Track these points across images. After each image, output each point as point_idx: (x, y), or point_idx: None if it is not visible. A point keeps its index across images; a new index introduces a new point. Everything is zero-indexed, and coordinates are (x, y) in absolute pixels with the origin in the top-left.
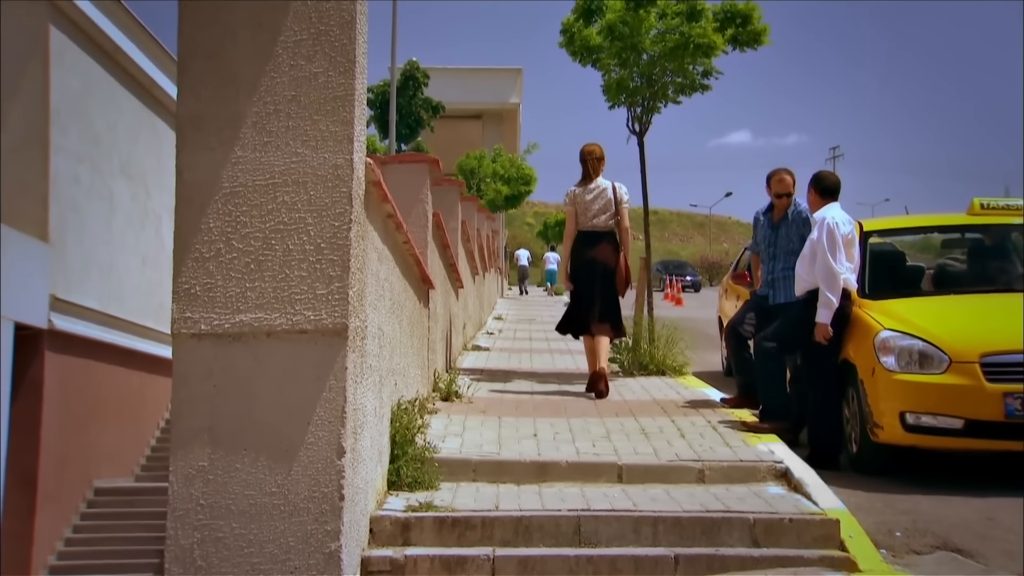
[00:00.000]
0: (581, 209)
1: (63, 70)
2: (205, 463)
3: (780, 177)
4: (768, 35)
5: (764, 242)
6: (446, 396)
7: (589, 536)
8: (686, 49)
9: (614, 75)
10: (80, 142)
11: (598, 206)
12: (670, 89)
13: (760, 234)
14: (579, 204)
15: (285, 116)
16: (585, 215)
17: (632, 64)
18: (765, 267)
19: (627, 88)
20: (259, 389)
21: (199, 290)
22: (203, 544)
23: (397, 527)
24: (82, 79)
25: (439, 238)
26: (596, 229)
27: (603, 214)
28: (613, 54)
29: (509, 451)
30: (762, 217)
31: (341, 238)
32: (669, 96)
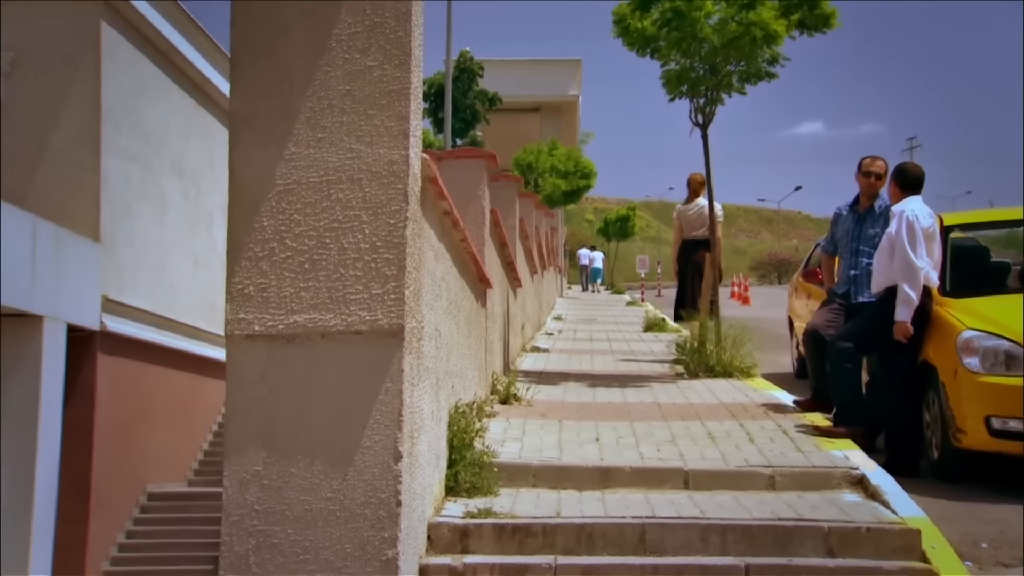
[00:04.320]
0: (685, 222)
1: (115, 68)
2: (260, 467)
3: (872, 159)
4: (837, 18)
5: (846, 237)
6: (504, 399)
7: (655, 545)
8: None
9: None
10: (132, 140)
11: (698, 221)
12: (734, 79)
13: (841, 229)
14: (684, 219)
15: (339, 111)
16: (688, 227)
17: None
18: (846, 263)
19: (688, 79)
20: (314, 392)
21: (253, 290)
22: (258, 550)
23: (456, 534)
24: (134, 77)
25: (497, 236)
26: (696, 238)
27: (702, 227)
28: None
29: (570, 456)
30: (845, 212)
31: (397, 236)
32: (734, 86)
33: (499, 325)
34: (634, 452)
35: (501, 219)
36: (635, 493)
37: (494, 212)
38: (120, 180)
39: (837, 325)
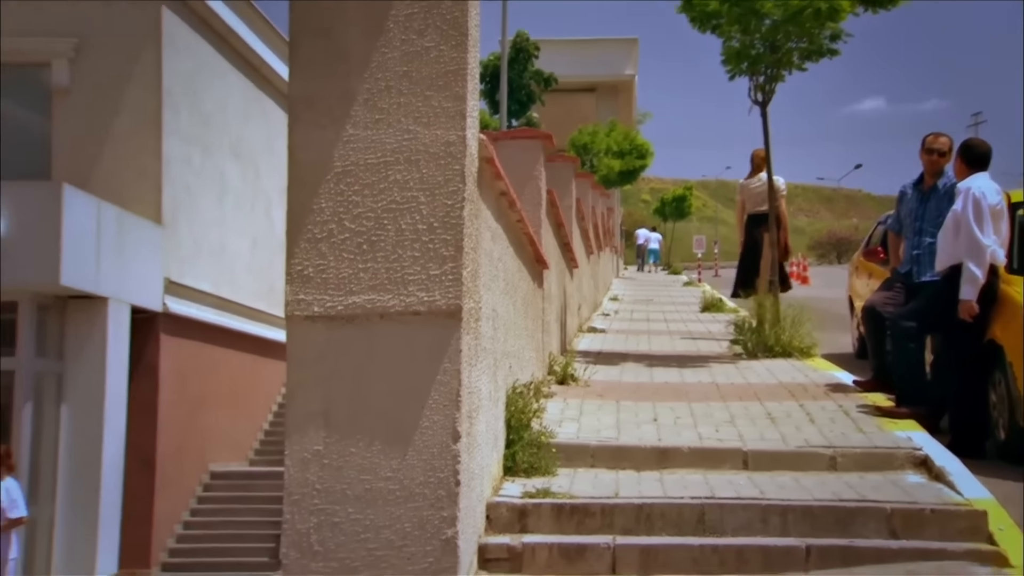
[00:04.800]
0: (748, 197)
1: (175, 52)
2: (320, 447)
3: (935, 136)
4: None
5: (910, 216)
6: (562, 379)
7: (714, 525)
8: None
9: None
10: (191, 123)
11: (761, 196)
12: (795, 56)
13: (905, 208)
14: (747, 193)
15: (396, 92)
16: (751, 202)
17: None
18: (909, 242)
19: (748, 56)
20: (373, 372)
21: (312, 272)
22: (320, 529)
23: (514, 514)
24: (194, 60)
25: (553, 216)
26: (760, 213)
27: (765, 202)
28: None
29: (628, 436)
30: (909, 190)
31: (454, 217)
32: (794, 63)
33: (556, 306)
34: (692, 432)
35: (557, 200)
36: (694, 473)
37: (550, 193)
38: (181, 163)
39: (896, 303)
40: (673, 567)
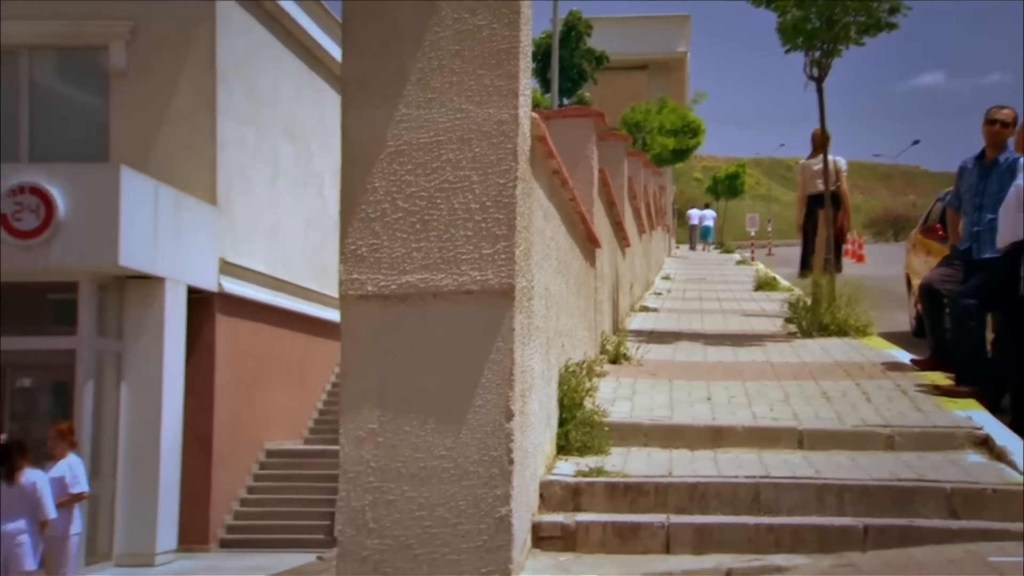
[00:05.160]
0: (808, 177)
1: (229, 34)
2: (375, 425)
3: (998, 107)
4: None
5: (970, 191)
6: (614, 358)
7: (769, 504)
8: None
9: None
10: (245, 104)
11: (820, 174)
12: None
13: (965, 183)
14: (807, 173)
15: (449, 72)
16: (812, 182)
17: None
18: (969, 219)
19: (805, 31)
20: (426, 351)
21: (365, 251)
22: (375, 507)
23: (567, 492)
24: (247, 42)
25: (605, 195)
26: (821, 192)
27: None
28: None
29: (682, 415)
30: (970, 165)
31: (507, 196)
32: (851, 38)
33: (608, 285)
34: (746, 411)
35: (609, 178)
36: (748, 453)
37: (602, 171)
38: (235, 144)
39: (955, 281)
40: (728, 546)
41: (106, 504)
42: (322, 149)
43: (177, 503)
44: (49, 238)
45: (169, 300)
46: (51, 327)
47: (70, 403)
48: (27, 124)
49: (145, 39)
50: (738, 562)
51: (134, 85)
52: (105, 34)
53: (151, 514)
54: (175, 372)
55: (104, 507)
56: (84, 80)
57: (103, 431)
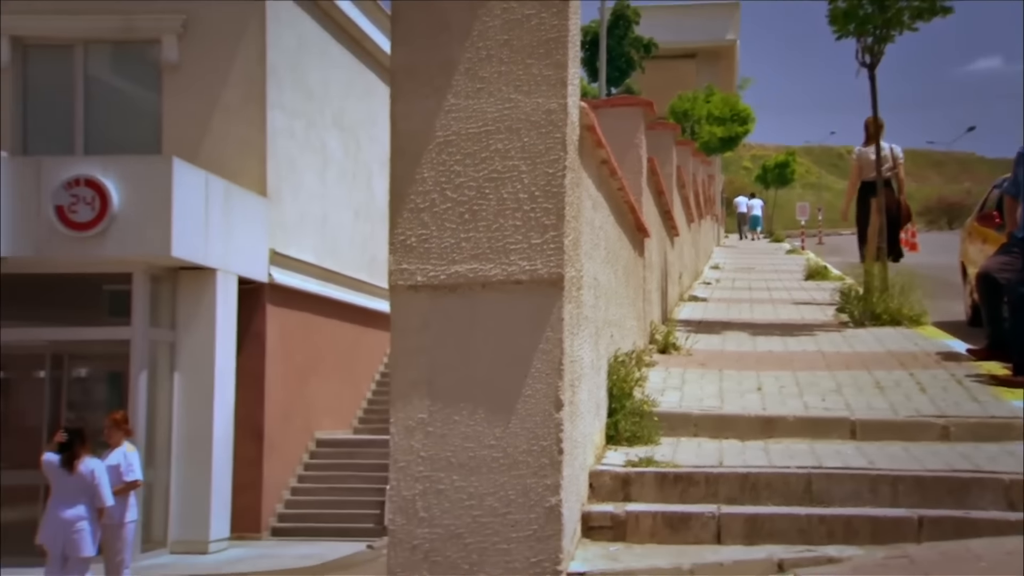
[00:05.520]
0: (864, 164)
1: (279, 27)
2: (424, 415)
3: None
4: None
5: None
6: (663, 348)
7: (821, 495)
8: None
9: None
10: (295, 97)
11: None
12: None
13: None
14: (863, 161)
15: (497, 61)
16: (868, 170)
17: None
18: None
19: (856, 17)
20: (475, 341)
21: (414, 241)
22: (425, 496)
23: (617, 482)
24: (297, 35)
25: (654, 184)
26: (873, 179)
27: (881, 167)
28: None
29: (732, 405)
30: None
31: (555, 186)
32: (905, 23)
33: (657, 274)
34: (797, 402)
35: (658, 167)
36: (799, 443)
37: (651, 160)
38: (285, 135)
39: (1013, 269)
40: (779, 537)
41: (160, 492)
42: (370, 140)
43: (229, 492)
44: (104, 230)
45: (220, 291)
46: (106, 318)
47: (125, 392)
48: (82, 117)
49: (197, 32)
50: (790, 553)
51: (186, 78)
52: (158, 28)
53: (204, 502)
54: (226, 362)
55: (159, 495)
56: (137, 73)
57: (157, 420)
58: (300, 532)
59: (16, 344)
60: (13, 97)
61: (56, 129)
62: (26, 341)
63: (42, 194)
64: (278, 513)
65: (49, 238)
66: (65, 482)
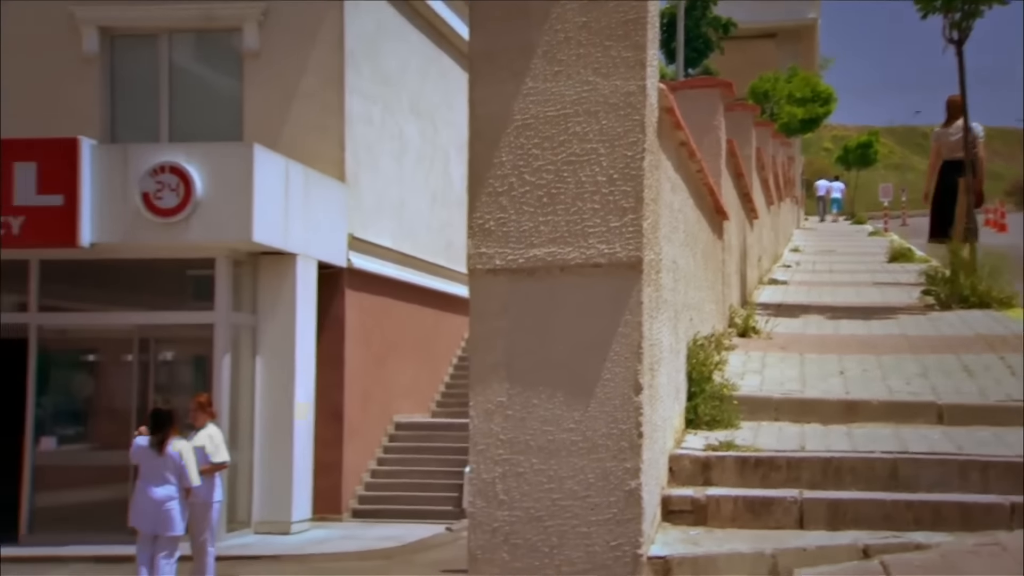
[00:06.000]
0: (944, 145)
1: (357, 13)
2: (503, 398)
3: None
4: None
5: None
6: (743, 332)
7: (907, 480)
8: None
9: None
10: (373, 82)
11: (958, 144)
12: None
13: None
14: (942, 141)
15: (575, 44)
16: (948, 150)
17: None
18: None
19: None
20: (554, 324)
21: (493, 225)
22: (504, 479)
23: (697, 466)
24: (374, 21)
25: (732, 166)
26: (955, 159)
27: (961, 149)
28: None
29: (813, 389)
30: None
31: (634, 168)
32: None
33: (736, 257)
34: (881, 386)
35: (737, 149)
36: (884, 428)
37: (730, 142)
38: (362, 121)
39: None
40: (864, 523)
41: (244, 473)
42: (447, 125)
43: (311, 474)
44: (187, 216)
45: (300, 275)
46: (191, 302)
47: (209, 376)
48: (167, 105)
49: (276, 20)
50: (875, 539)
51: (266, 65)
52: (239, 16)
53: (286, 484)
54: (307, 346)
55: (243, 476)
56: (219, 62)
57: (240, 403)
58: (380, 514)
59: (105, 328)
60: (101, 86)
61: (142, 117)
62: (115, 325)
63: (129, 181)
64: (358, 495)
65: (135, 224)
66: (154, 463)
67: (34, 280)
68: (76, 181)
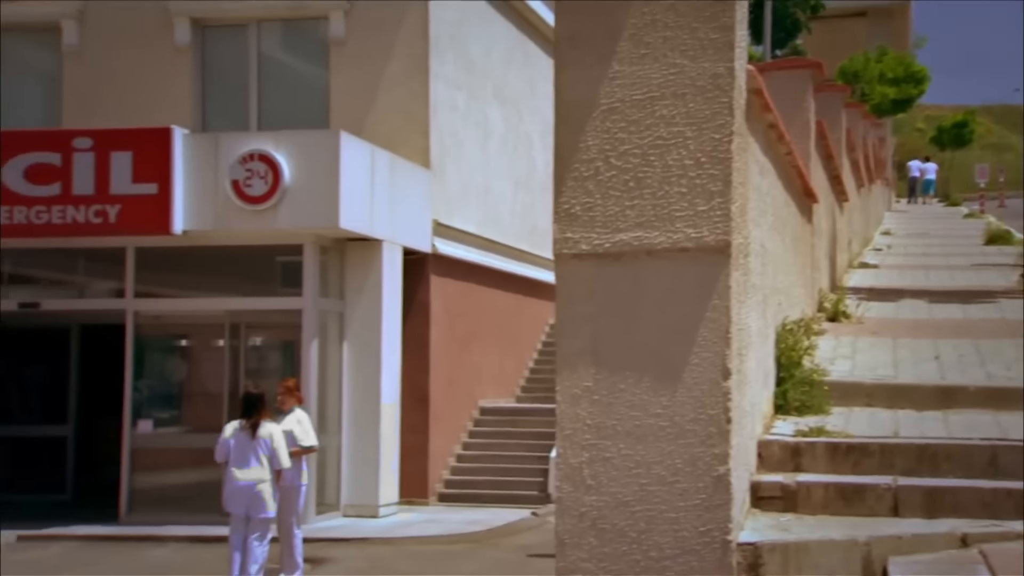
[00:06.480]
0: None
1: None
2: (590, 383)
3: None
4: None
5: None
6: (832, 316)
7: (1008, 468)
8: None
9: None
10: (457, 69)
11: None
12: None
13: None
14: None
15: (662, 26)
16: None
17: None
18: None
19: None
20: (640, 309)
21: (579, 210)
22: (591, 463)
23: (787, 452)
24: (459, 7)
25: (822, 149)
26: None
27: None
28: None
29: (907, 374)
30: None
31: (722, 151)
32: None
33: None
34: (979, 371)
35: (827, 131)
36: (982, 414)
37: (819, 124)
38: (447, 108)
39: None
40: (961, 510)
41: (332, 457)
42: (531, 111)
43: (397, 458)
44: (276, 203)
45: (386, 261)
46: (279, 288)
47: (297, 361)
48: (256, 94)
49: (362, 9)
50: (974, 527)
51: (352, 53)
52: (325, 5)
53: (373, 468)
54: (393, 332)
55: (331, 460)
56: (306, 50)
57: (328, 388)
58: (465, 499)
59: (198, 314)
60: (192, 77)
61: (231, 106)
62: (206, 311)
63: (219, 169)
64: (444, 479)
65: (225, 211)
66: (246, 446)
67: (130, 267)
68: (169, 170)
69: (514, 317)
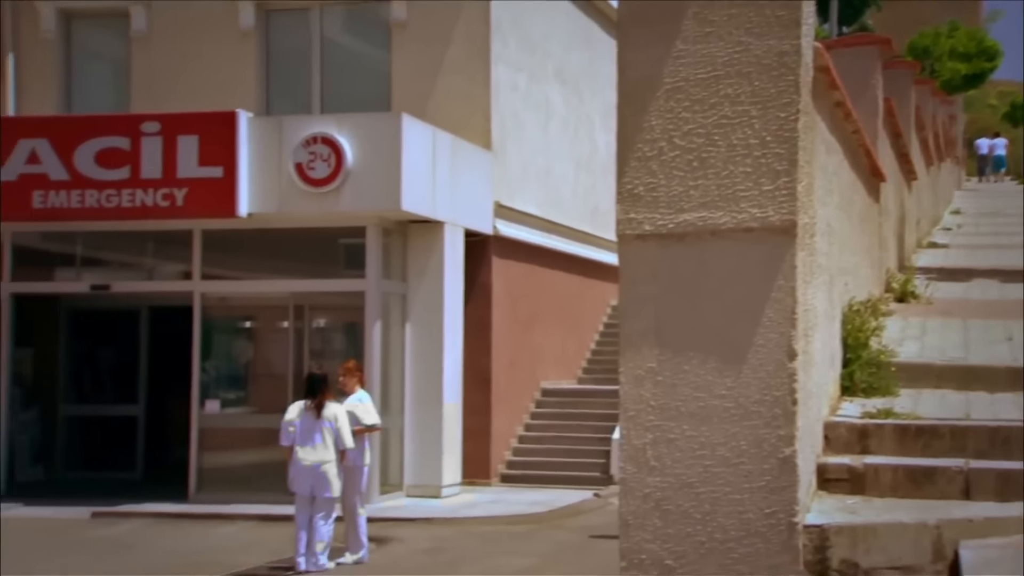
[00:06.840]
0: None
1: None
2: (653, 364)
3: None
4: None
5: None
6: (900, 297)
7: None
8: None
9: None
10: (518, 52)
11: None
12: None
13: None
14: None
15: (727, 4)
16: None
17: None
18: None
19: None
20: (704, 290)
21: (642, 190)
22: (655, 445)
23: (853, 434)
24: None
25: (890, 127)
26: None
27: None
28: None
29: (978, 356)
30: None
31: (788, 130)
32: None
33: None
34: None
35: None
36: None
37: (887, 101)
38: (508, 89)
39: None
40: None
41: (395, 438)
42: (592, 92)
43: (460, 438)
44: (339, 185)
45: (448, 243)
46: (343, 270)
47: (360, 342)
48: (318, 77)
49: None
50: None
51: (413, 36)
52: None
53: (436, 449)
54: (455, 313)
55: (394, 441)
56: (368, 33)
57: (391, 369)
58: (527, 479)
59: (262, 295)
60: (257, 60)
61: (295, 89)
62: (271, 293)
63: (283, 152)
64: (506, 460)
65: (289, 194)
66: (311, 426)
67: (197, 249)
68: (234, 153)
69: (576, 298)
